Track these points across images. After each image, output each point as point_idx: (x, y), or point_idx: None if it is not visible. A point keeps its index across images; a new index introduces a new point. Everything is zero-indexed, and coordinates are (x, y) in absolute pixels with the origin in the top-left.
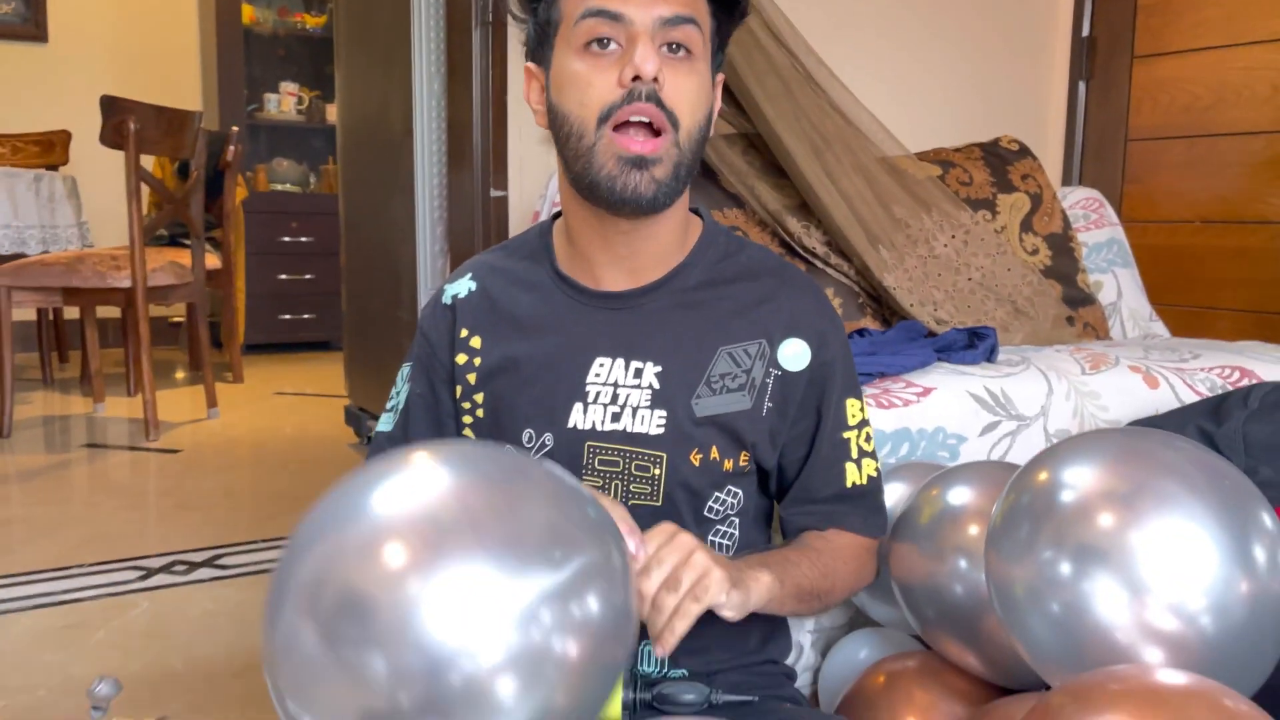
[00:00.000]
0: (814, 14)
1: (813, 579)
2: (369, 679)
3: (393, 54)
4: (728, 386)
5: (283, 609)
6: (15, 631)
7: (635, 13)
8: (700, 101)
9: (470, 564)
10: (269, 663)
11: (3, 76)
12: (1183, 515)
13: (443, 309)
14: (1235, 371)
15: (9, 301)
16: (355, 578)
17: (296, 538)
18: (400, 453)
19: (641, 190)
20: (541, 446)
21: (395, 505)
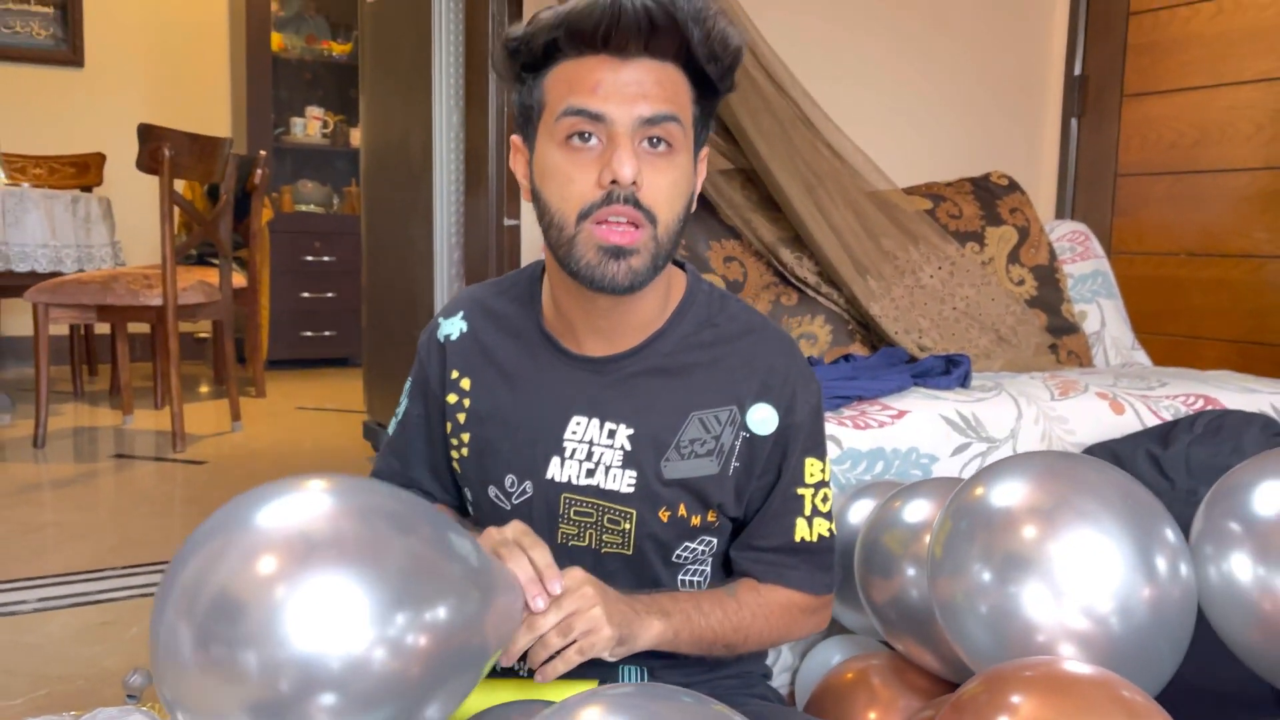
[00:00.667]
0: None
1: (721, 630)
2: (242, 674)
3: (414, 85)
4: (696, 452)
5: (164, 612)
6: (54, 627)
7: (616, 112)
8: (679, 195)
9: (330, 575)
10: (154, 664)
11: (41, 100)
12: (1095, 528)
13: (437, 345)
14: (1199, 399)
15: (46, 318)
16: (229, 582)
17: (182, 548)
18: (298, 479)
19: (619, 279)
20: (523, 493)
21: (274, 521)
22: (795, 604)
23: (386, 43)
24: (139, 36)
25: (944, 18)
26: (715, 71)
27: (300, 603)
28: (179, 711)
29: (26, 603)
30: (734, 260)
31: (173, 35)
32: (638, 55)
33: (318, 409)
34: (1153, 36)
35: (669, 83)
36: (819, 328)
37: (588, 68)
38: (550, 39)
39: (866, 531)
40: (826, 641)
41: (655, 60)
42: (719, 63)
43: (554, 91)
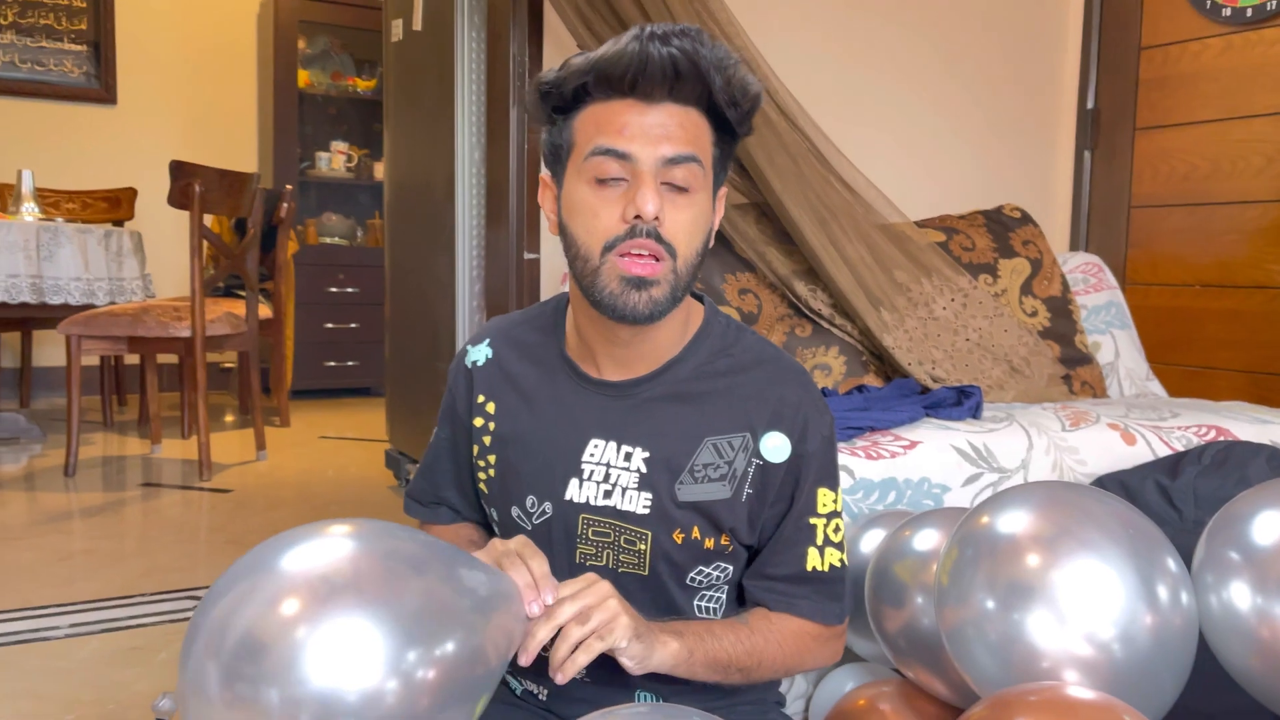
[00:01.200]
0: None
1: (734, 655)
2: (265, 710)
3: (437, 121)
4: (709, 476)
5: (192, 651)
6: (85, 652)
7: (641, 150)
8: (697, 231)
9: (350, 616)
10: (182, 701)
11: (75, 136)
12: (1097, 557)
13: (464, 371)
14: (1211, 430)
15: (78, 349)
16: (254, 624)
17: (210, 591)
18: (319, 524)
19: (640, 309)
20: (543, 513)
21: (297, 565)
22: (807, 632)
23: (410, 79)
24: (170, 74)
25: (957, 53)
26: (735, 116)
27: (319, 642)
28: None
29: (58, 628)
30: (749, 292)
31: (203, 73)
32: (662, 100)
33: (341, 438)
34: (1164, 71)
35: (691, 126)
36: (833, 359)
37: (615, 111)
38: (581, 83)
39: (877, 560)
40: (839, 669)
41: (678, 105)
42: (738, 108)
43: (583, 132)
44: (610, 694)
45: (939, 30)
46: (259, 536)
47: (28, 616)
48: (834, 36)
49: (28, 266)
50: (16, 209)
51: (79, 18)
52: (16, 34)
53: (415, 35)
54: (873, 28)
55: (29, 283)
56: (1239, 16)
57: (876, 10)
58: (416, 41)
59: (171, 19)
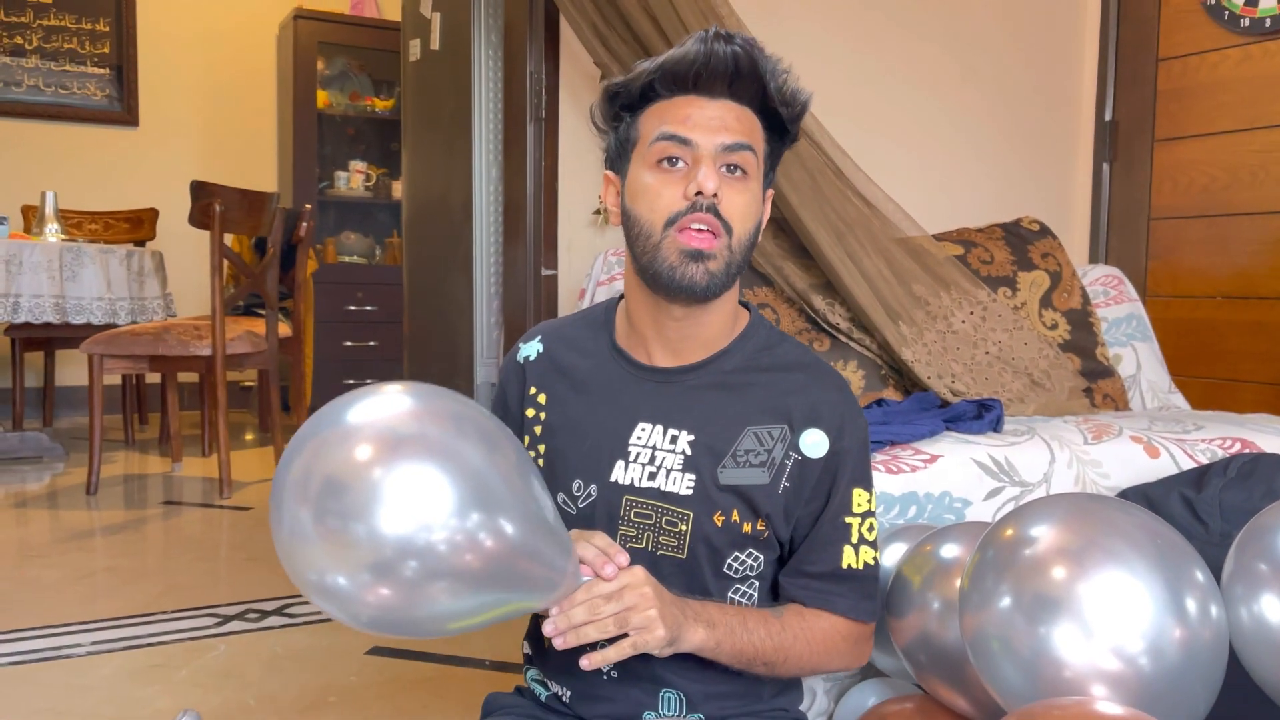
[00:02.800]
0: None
1: (762, 648)
2: (355, 541)
3: (454, 140)
4: (750, 462)
5: (283, 502)
6: (108, 670)
7: (701, 138)
8: (750, 214)
9: (417, 466)
10: (284, 553)
11: (98, 158)
12: (1124, 569)
13: (516, 366)
14: (1236, 443)
15: (101, 368)
16: (333, 468)
17: (288, 449)
18: (379, 385)
19: (697, 280)
20: (588, 496)
21: (367, 417)
22: (838, 631)
23: (428, 99)
24: (191, 97)
25: (975, 67)
26: (787, 115)
27: (394, 481)
28: (321, 579)
29: (80, 646)
30: (767, 307)
31: (223, 95)
32: (722, 96)
33: None
34: (1182, 82)
35: (746, 120)
36: (852, 373)
37: (679, 104)
38: (649, 81)
39: (898, 575)
40: (861, 685)
41: (736, 102)
42: (790, 108)
43: (649, 124)
44: (635, 692)
45: (956, 44)
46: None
47: (50, 634)
48: (850, 51)
49: (51, 287)
50: (40, 230)
51: (102, 42)
52: (41, 58)
53: (433, 55)
54: (889, 43)
55: (52, 303)
56: (1258, 27)
57: (893, 26)
58: (434, 61)
59: (193, 42)
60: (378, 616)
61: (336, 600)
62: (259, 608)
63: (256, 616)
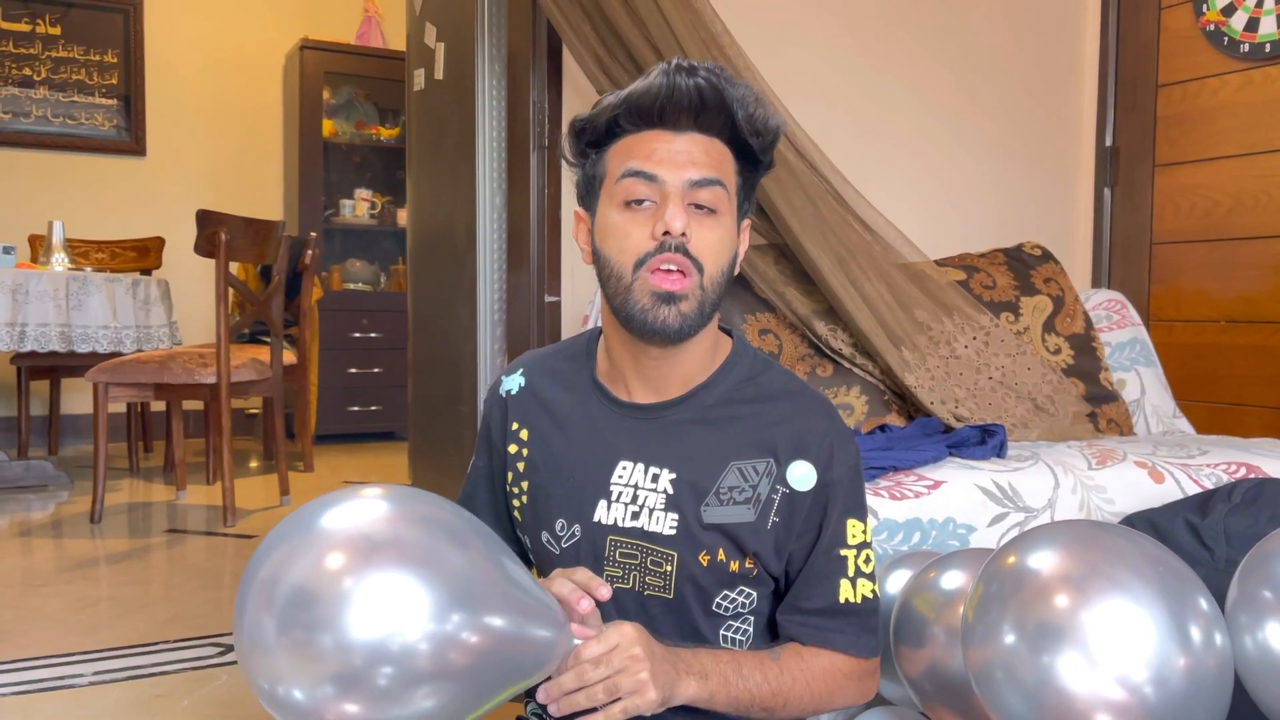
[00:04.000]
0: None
1: (759, 694)
2: (320, 653)
3: (459, 168)
4: (734, 499)
5: (246, 607)
6: (109, 700)
7: (668, 175)
8: (723, 251)
9: (393, 573)
10: (242, 657)
11: (105, 187)
12: (1128, 597)
13: (499, 400)
14: (1241, 468)
15: (106, 396)
16: (302, 576)
17: (256, 553)
18: (353, 489)
19: (670, 323)
20: (571, 536)
21: (338, 524)
22: (839, 669)
23: (432, 127)
24: (198, 126)
25: (975, 93)
26: (758, 145)
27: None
28: (274, 689)
29: (83, 676)
30: (769, 333)
31: (230, 124)
32: (688, 129)
33: (364, 482)
34: (1182, 108)
35: (715, 153)
36: (855, 398)
37: (644, 139)
38: (613, 116)
39: (902, 602)
40: (867, 714)
41: (703, 134)
42: (760, 138)
43: (614, 161)
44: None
45: (955, 70)
46: None
47: (52, 664)
48: (850, 77)
49: (57, 315)
50: (47, 259)
51: (110, 73)
52: (50, 89)
53: (437, 84)
54: (889, 68)
55: (58, 331)
56: (1257, 52)
57: (894, 52)
58: (438, 90)
59: (200, 73)
60: None
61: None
62: None
63: None
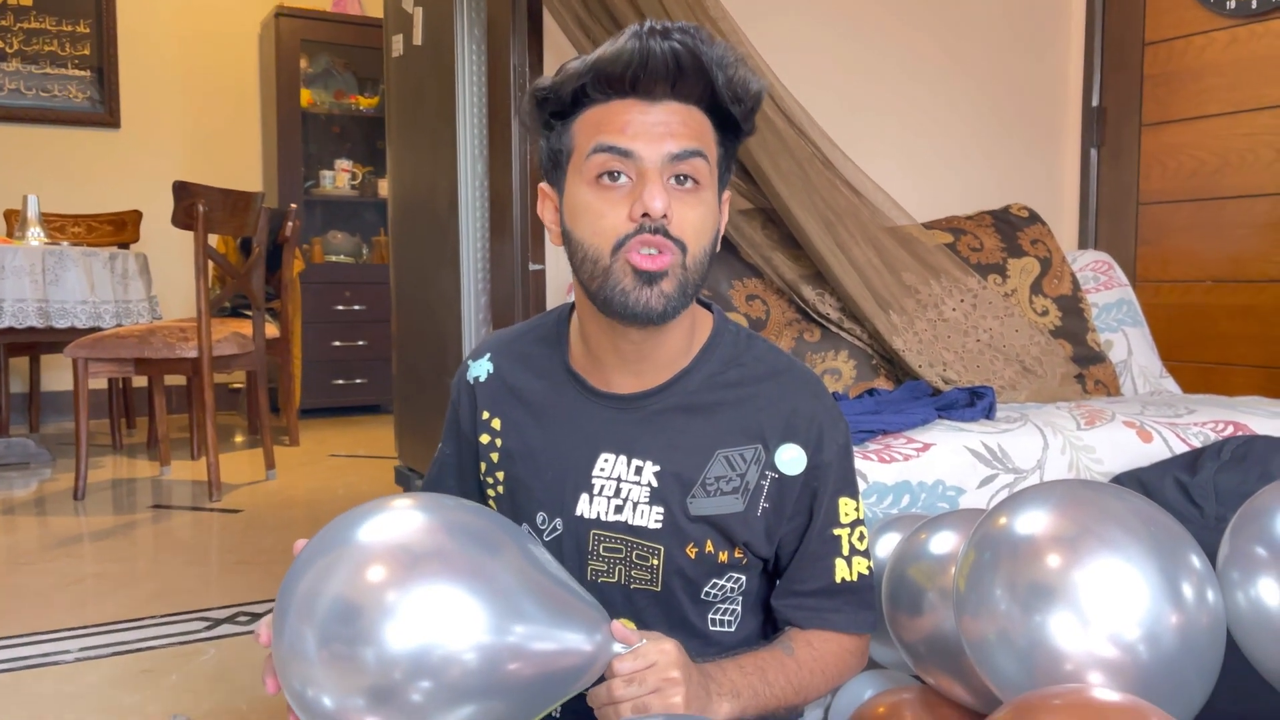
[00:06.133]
0: (829, 95)
1: (784, 696)
2: (361, 667)
3: (439, 136)
4: (721, 489)
5: (287, 617)
6: (96, 677)
7: (645, 149)
8: (706, 228)
9: (435, 586)
10: (279, 661)
11: (79, 161)
12: (1119, 556)
13: (467, 387)
14: (1228, 425)
15: (86, 372)
16: (345, 590)
17: (295, 564)
18: (383, 500)
19: (652, 304)
20: (553, 530)
21: (377, 536)
22: (846, 649)
23: (412, 95)
24: (173, 97)
25: (961, 54)
26: (739, 112)
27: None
28: (305, 691)
29: (69, 652)
30: (756, 298)
31: (206, 95)
32: (664, 98)
33: (350, 456)
34: (1169, 66)
35: (694, 123)
36: (843, 363)
37: (616, 110)
38: (579, 85)
39: (893, 565)
40: (859, 677)
41: (681, 103)
42: (741, 104)
43: (583, 134)
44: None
45: (941, 32)
46: (270, 557)
47: (38, 641)
48: (836, 40)
49: (34, 291)
50: (23, 234)
51: (82, 43)
52: (22, 62)
53: (416, 50)
54: (875, 31)
55: (35, 307)
56: (1244, 8)
57: (880, 14)
58: (417, 56)
59: (174, 42)
60: None
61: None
62: (250, 610)
63: (247, 620)
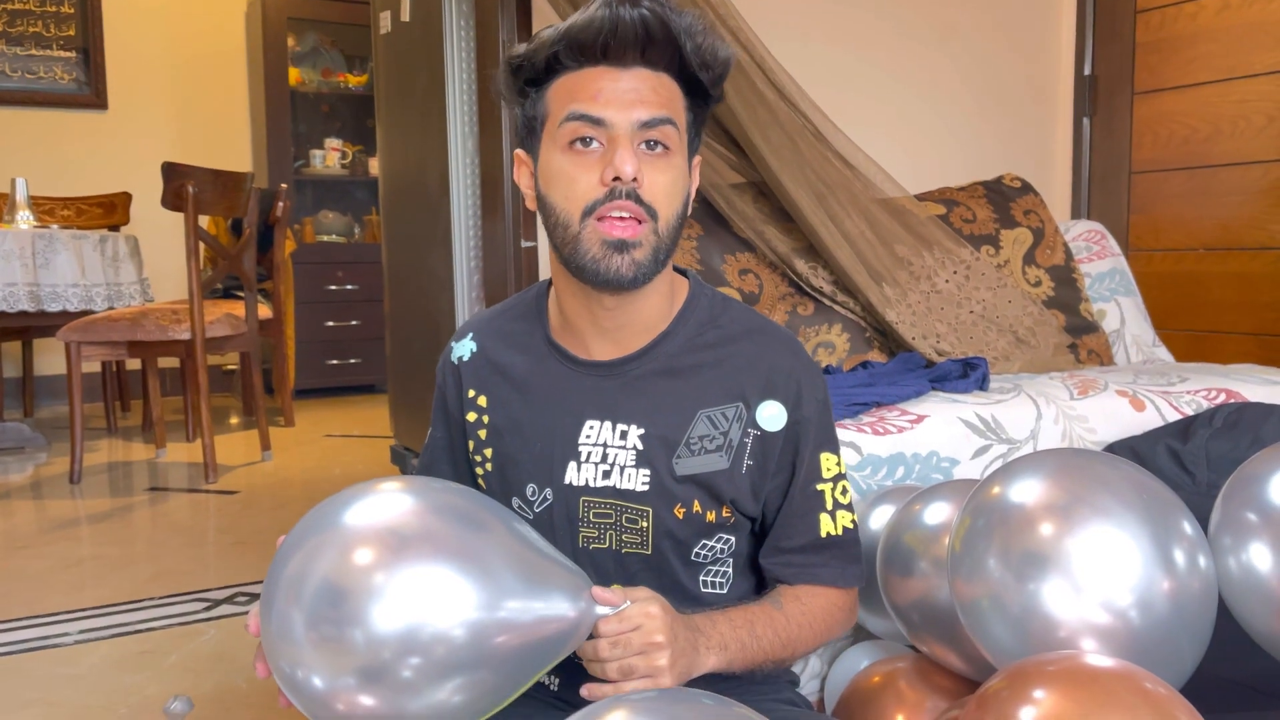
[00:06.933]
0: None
1: (771, 649)
2: (350, 647)
3: (429, 114)
4: (705, 448)
5: (274, 601)
6: (95, 658)
7: (615, 116)
8: (676, 192)
9: (422, 566)
10: (268, 643)
11: (66, 143)
12: (1112, 523)
13: (451, 367)
14: (1220, 393)
15: (78, 356)
16: (332, 572)
17: (281, 548)
18: (369, 483)
19: (623, 271)
20: (544, 500)
21: (364, 519)
22: (834, 603)
23: (400, 72)
24: (160, 77)
25: (951, 24)
26: (708, 79)
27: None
28: (294, 672)
29: (68, 635)
30: (749, 272)
31: (193, 74)
32: (634, 65)
33: (345, 436)
34: (1161, 34)
35: (664, 89)
36: (836, 336)
37: (588, 78)
38: (552, 53)
39: (888, 535)
40: (854, 647)
41: (651, 70)
42: (710, 71)
43: (556, 101)
44: None
45: (931, 1)
46: (267, 537)
47: (37, 624)
48: (827, 10)
49: (24, 274)
50: (11, 217)
51: (67, 24)
52: (6, 43)
53: (404, 27)
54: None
55: (26, 291)
56: None
57: None
58: (405, 33)
59: (159, 22)
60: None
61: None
62: (248, 591)
63: (246, 600)
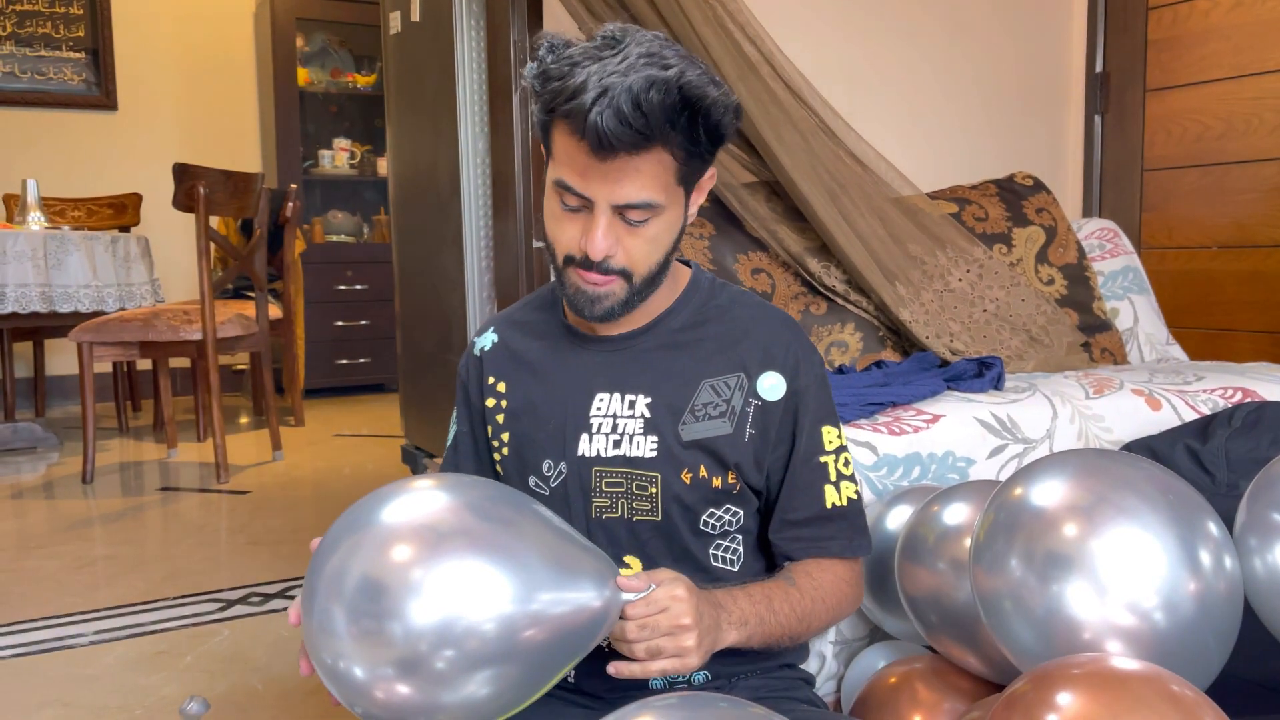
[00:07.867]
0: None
1: (787, 626)
2: (389, 640)
3: (439, 113)
4: (709, 414)
5: (315, 596)
6: (110, 659)
7: (597, 193)
8: (657, 248)
9: (459, 561)
10: (309, 636)
11: (77, 144)
12: (1136, 524)
13: (474, 360)
14: (1237, 392)
15: (90, 356)
16: (372, 568)
17: (321, 545)
18: (403, 481)
19: (597, 313)
20: (559, 474)
21: (402, 516)
22: (842, 576)
23: (410, 72)
24: (169, 78)
25: (963, 21)
26: (704, 149)
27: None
28: (336, 664)
29: (83, 635)
30: (762, 272)
31: (202, 75)
32: (620, 152)
33: (356, 435)
34: (1172, 31)
35: (648, 168)
36: (849, 335)
37: (577, 150)
38: (552, 106)
39: (906, 536)
40: (871, 648)
41: (636, 154)
42: (701, 146)
43: (555, 144)
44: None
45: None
46: (279, 537)
47: (52, 625)
48: (839, 9)
49: (36, 275)
50: (23, 219)
51: (76, 25)
52: (16, 44)
53: (414, 27)
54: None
55: (38, 291)
56: None
57: None
58: (415, 34)
59: (168, 23)
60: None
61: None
62: (262, 591)
63: (259, 600)
